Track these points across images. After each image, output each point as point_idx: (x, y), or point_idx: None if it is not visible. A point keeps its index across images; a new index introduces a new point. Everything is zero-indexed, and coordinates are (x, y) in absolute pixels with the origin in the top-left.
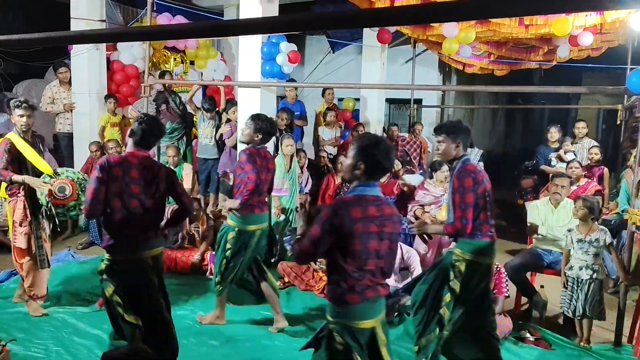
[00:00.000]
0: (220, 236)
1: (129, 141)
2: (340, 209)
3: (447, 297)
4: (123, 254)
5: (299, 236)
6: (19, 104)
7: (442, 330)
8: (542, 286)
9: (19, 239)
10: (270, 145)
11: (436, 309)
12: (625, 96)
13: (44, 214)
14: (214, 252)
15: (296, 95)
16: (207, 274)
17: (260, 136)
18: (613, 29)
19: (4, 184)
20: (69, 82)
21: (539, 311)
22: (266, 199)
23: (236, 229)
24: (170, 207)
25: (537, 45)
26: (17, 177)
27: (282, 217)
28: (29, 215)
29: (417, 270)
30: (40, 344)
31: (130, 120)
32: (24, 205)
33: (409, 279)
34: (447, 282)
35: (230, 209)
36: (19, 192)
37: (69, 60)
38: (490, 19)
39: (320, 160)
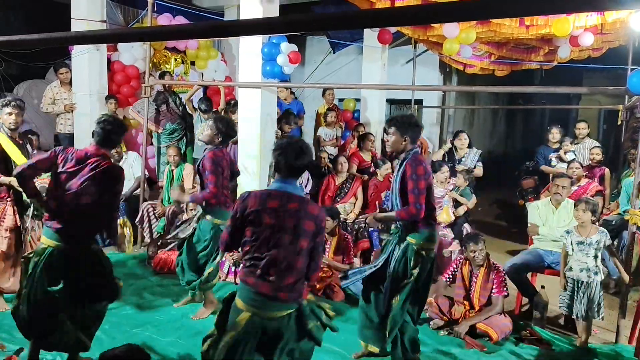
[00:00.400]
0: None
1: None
2: (243, 199)
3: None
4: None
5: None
6: (7, 102)
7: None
8: (542, 286)
9: (1, 242)
10: (270, 146)
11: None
12: (626, 96)
13: (31, 214)
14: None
15: (294, 95)
16: None
17: (220, 138)
18: (614, 29)
19: None
20: (70, 83)
21: (539, 311)
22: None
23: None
24: (170, 208)
25: (537, 46)
26: (3, 179)
27: None
28: (18, 222)
29: None
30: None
31: (131, 120)
32: (14, 211)
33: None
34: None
35: (176, 200)
36: (8, 197)
37: (70, 61)
38: (490, 20)
39: (320, 161)
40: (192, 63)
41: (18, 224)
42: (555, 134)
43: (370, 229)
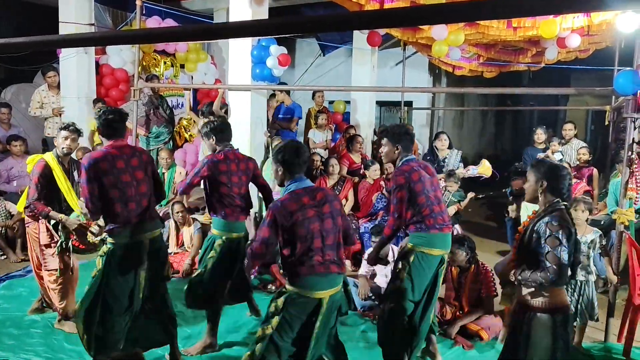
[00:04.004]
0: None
1: (103, 139)
2: (277, 207)
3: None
4: (124, 237)
5: (250, 241)
6: (66, 126)
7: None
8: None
9: (50, 261)
10: (260, 148)
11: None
12: (613, 97)
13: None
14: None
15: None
16: None
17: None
18: (600, 30)
19: (23, 198)
20: (58, 86)
21: None
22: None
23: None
24: (162, 210)
25: (525, 48)
26: (55, 215)
27: None
28: (55, 235)
29: None
30: (30, 350)
31: None
32: (47, 227)
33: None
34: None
35: None
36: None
37: (58, 64)
38: (478, 22)
39: (311, 163)
40: (182, 66)
41: (56, 238)
42: (540, 134)
43: (361, 232)
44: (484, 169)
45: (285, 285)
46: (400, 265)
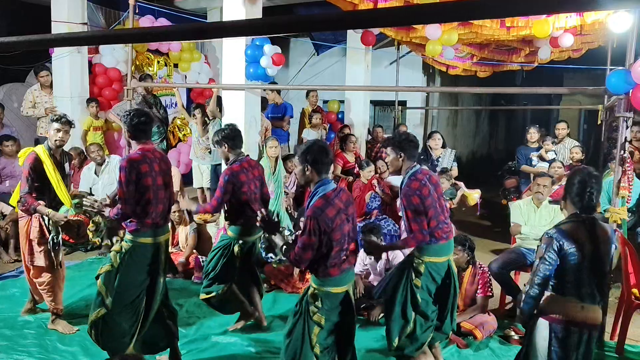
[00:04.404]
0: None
1: (132, 142)
2: (318, 215)
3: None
4: (148, 237)
5: (284, 245)
6: (58, 118)
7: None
8: (525, 285)
9: (37, 257)
10: (255, 148)
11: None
12: (606, 96)
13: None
14: (198, 256)
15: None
16: (192, 278)
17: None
18: (593, 30)
19: (17, 192)
20: (51, 86)
21: None
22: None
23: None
24: None
25: (518, 47)
26: (42, 209)
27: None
28: (46, 232)
29: None
30: (23, 351)
31: (113, 124)
32: (40, 223)
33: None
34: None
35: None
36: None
37: (50, 64)
38: (472, 21)
39: None
40: (175, 65)
41: (47, 235)
42: (533, 133)
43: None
44: (470, 198)
45: (311, 284)
46: (413, 277)
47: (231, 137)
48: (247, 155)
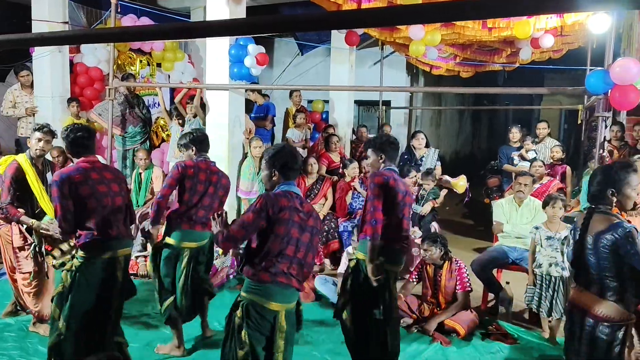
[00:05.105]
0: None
1: (74, 159)
2: (270, 198)
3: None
4: (100, 251)
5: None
6: (40, 127)
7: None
8: (507, 282)
9: (24, 264)
10: (238, 148)
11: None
12: (585, 96)
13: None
14: None
15: (268, 97)
16: None
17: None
18: (573, 31)
19: None
20: (31, 86)
21: (505, 307)
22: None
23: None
24: (140, 210)
25: (500, 48)
26: (25, 219)
27: None
28: (28, 237)
29: None
30: (4, 354)
31: (95, 124)
32: (19, 230)
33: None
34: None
35: None
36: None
37: (31, 63)
38: (454, 22)
39: None
40: (158, 65)
41: (29, 242)
42: (515, 133)
43: (341, 230)
44: (458, 186)
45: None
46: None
47: (199, 140)
48: (214, 162)
